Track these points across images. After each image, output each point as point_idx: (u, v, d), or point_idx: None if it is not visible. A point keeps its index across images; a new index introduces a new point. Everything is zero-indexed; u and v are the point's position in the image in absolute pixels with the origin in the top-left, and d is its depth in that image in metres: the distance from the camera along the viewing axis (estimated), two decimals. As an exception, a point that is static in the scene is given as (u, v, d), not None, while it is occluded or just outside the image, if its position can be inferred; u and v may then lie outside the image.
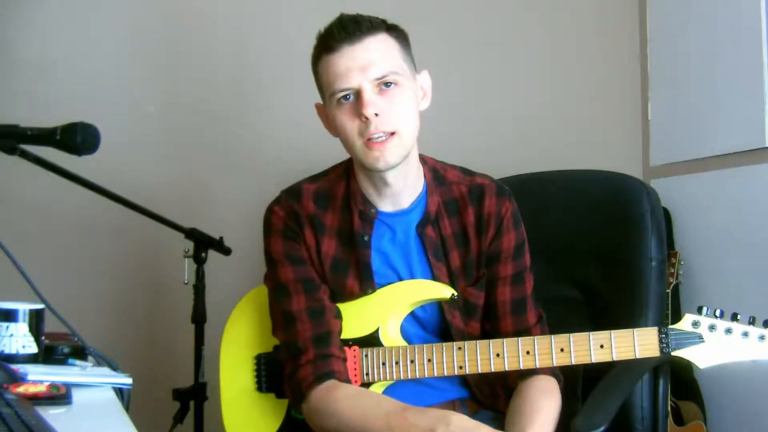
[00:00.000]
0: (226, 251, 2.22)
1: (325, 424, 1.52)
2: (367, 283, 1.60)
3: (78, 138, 1.38)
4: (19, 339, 1.30)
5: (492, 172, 1.77)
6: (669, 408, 2.41)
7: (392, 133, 1.49)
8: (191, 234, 2.15)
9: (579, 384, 1.81)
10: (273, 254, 1.62)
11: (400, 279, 1.61)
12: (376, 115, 1.46)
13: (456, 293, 1.58)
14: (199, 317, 2.15)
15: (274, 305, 1.63)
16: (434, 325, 1.64)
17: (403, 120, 1.50)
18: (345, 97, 1.49)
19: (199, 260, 2.15)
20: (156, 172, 2.50)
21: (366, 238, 1.60)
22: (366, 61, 1.47)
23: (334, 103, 1.51)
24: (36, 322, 1.33)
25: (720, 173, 2.54)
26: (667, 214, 2.65)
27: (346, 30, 1.48)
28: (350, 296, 1.61)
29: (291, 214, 1.62)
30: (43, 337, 1.35)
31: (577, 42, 2.87)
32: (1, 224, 2.29)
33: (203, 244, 2.16)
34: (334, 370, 1.54)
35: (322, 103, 1.60)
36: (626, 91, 2.91)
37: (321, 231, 1.61)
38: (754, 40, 2.37)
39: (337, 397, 1.50)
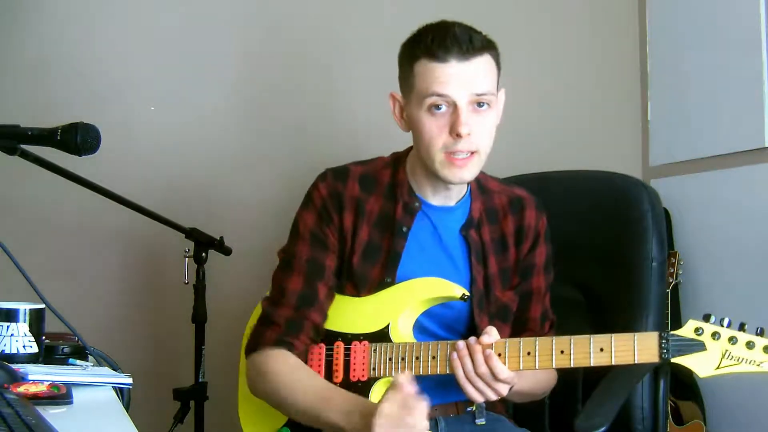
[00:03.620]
0: (226, 251, 2.22)
1: (259, 386, 1.60)
2: (389, 272, 1.61)
3: (78, 138, 1.39)
4: (20, 339, 1.31)
5: (492, 172, 1.77)
6: (669, 408, 2.41)
7: (475, 152, 1.53)
8: (191, 234, 2.15)
9: (579, 384, 1.81)
10: (300, 227, 1.65)
11: (440, 275, 1.62)
12: (468, 134, 1.49)
13: (467, 293, 1.58)
14: (199, 317, 2.15)
15: (275, 274, 1.67)
16: (459, 329, 1.65)
17: (486, 140, 1.54)
18: (437, 107, 1.50)
19: (200, 260, 2.16)
20: (156, 172, 2.50)
21: (405, 229, 1.62)
22: (471, 79, 1.49)
23: (424, 108, 1.52)
24: (36, 321, 1.33)
25: (720, 173, 2.54)
26: (666, 214, 2.65)
27: (459, 45, 1.48)
28: (371, 284, 1.62)
29: (333, 195, 1.64)
30: (43, 337, 1.35)
31: (577, 42, 2.87)
32: (1, 224, 2.29)
33: (203, 244, 2.16)
34: (295, 345, 1.58)
35: (400, 96, 1.60)
36: (626, 91, 2.91)
37: (361, 215, 1.64)
38: (754, 40, 2.37)
39: (282, 363, 1.56)
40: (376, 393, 1.57)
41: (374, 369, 1.57)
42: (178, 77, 2.55)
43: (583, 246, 1.92)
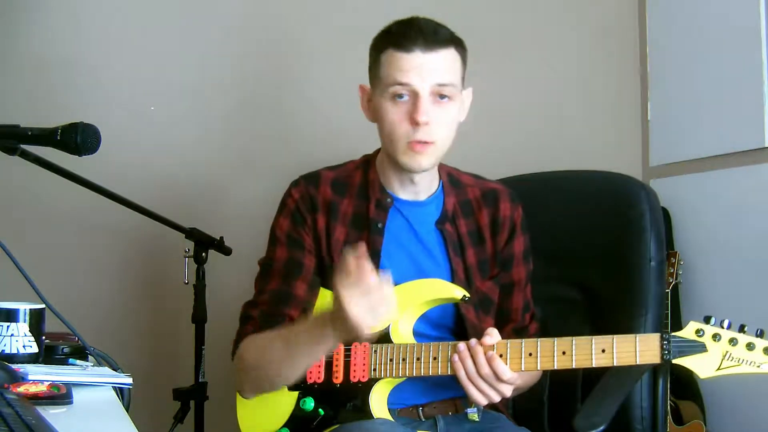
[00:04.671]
0: (226, 251, 2.22)
1: (244, 377, 1.62)
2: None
3: (78, 138, 1.38)
4: (20, 339, 1.31)
5: (492, 172, 1.78)
6: (668, 407, 2.41)
7: (433, 142, 1.55)
8: (191, 234, 2.15)
9: (578, 383, 1.81)
10: (277, 232, 1.68)
11: (420, 270, 1.64)
12: (427, 123, 1.52)
13: (468, 295, 1.59)
14: (199, 317, 2.15)
15: (256, 280, 1.70)
16: (447, 325, 1.66)
17: (445, 132, 1.57)
18: (400, 95, 1.54)
19: (199, 260, 2.16)
20: (157, 172, 2.50)
21: (380, 225, 1.65)
22: (433, 70, 1.52)
23: (387, 97, 1.55)
24: (36, 321, 1.33)
25: (720, 173, 2.54)
26: (666, 214, 2.65)
27: (424, 36, 1.53)
28: None
29: (305, 198, 1.67)
30: (43, 337, 1.35)
31: (577, 42, 2.87)
32: (1, 224, 2.29)
33: (203, 244, 2.16)
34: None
35: (369, 87, 1.64)
36: (626, 91, 2.91)
37: (335, 217, 1.66)
38: (754, 40, 2.37)
39: (252, 341, 1.60)
40: (376, 393, 1.57)
41: (375, 370, 1.57)
42: (178, 77, 2.55)
43: (582, 246, 1.92)
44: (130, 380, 1.27)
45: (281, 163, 2.53)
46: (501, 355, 1.48)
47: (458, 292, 1.58)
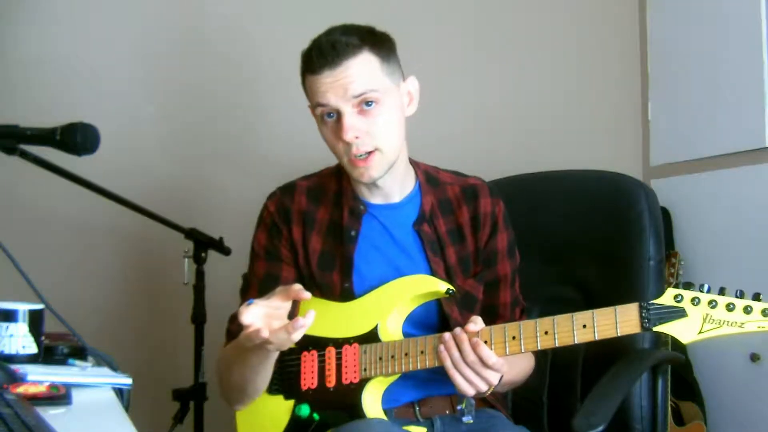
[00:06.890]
0: (226, 251, 2.22)
1: (223, 390, 1.67)
2: (346, 277, 1.64)
3: (78, 138, 1.38)
4: (19, 339, 1.31)
5: (492, 173, 1.77)
6: (669, 407, 2.41)
7: (375, 150, 1.54)
8: (191, 234, 2.15)
9: (578, 383, 1.81)
10: (255, 247, 1.71)
11: (399, 273, 1.64)
12: (357, 137, 1.52)
13: (453, 288, 1.59)
14: (199, 317, 2.15)
15: (239, 294, 1.73)
16: (433, 324, 1.66)
17: (384, 137, 1.55)
18: (328, 115, 1.54)
19: (199, 260, 2.16)
20: (156, 172, 2.51)
21: (353, 233, 1.65)
22: (346, 84, 1.50)
23: (319, 119, 1.57)
24: (36, 322, 1.33)
25: (720, 173, 2.54)
26: (667, 214, 2.65)
27: (324, 56, 1.51)
28: (334, 291, 1.64)
29: (281, 210, 1.68)
30: (42, 337, 1.35)
31: (577, 42, 2.88)
32: (1, 224, 2.29)
33: (203, 244, 2.16)
34: None
35: None
36: (626, 91, 2.92)
37: (310, 226, 1.67)
38: (754, 40, 2.38)
39: (221, 355, 1.67)
40: (369, 393, 1.57)
41: (365, 370, 1.58)
42: (178, 78, 2.55)
43: (581, 245, 1.92)
44: (129, 381, 1.27)
45: (281, 163, 2.53)
46: (486, 341, 1.48)
47: (443, 286, 1.58)
